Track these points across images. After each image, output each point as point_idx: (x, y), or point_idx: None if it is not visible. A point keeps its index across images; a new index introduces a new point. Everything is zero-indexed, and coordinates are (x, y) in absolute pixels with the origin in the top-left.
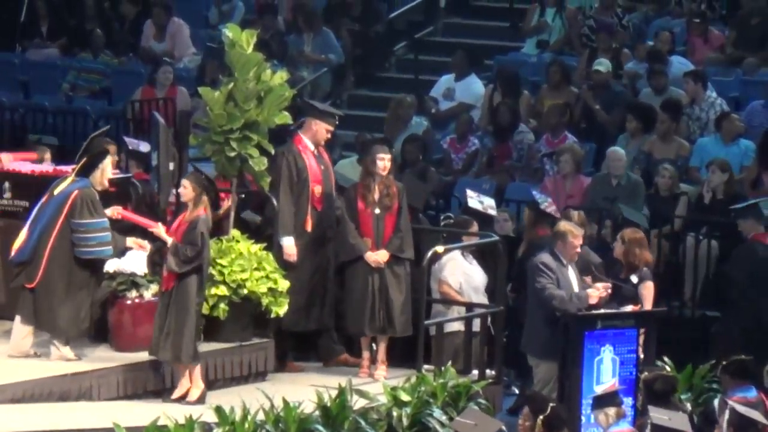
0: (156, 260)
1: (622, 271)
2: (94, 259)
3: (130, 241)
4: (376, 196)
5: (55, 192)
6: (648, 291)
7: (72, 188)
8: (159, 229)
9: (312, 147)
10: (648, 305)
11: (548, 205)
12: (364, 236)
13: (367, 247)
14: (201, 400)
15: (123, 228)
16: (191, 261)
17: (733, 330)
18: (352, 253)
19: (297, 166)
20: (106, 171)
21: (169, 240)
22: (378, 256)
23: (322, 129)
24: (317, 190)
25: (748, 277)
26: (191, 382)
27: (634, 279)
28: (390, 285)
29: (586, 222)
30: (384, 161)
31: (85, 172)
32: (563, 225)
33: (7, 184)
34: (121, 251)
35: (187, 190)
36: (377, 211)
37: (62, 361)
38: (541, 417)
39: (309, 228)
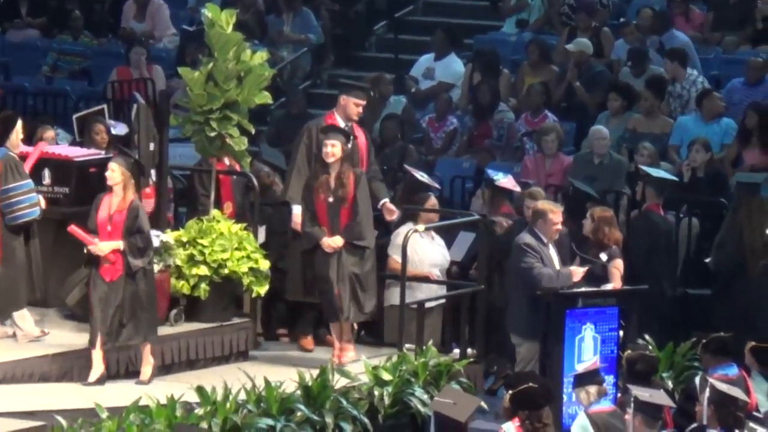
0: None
1: (590, 248)
2: (25, 222)
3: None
4: (331, 184)
5: None
6: (617, 269)
7: None
8: (98, 246)
9: (342, 124)
10: (617, 283)
11: (505, 181)
12: (320, 225)
13: (323, 234)
14: (153, 376)
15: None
16: (146, 250)
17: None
18: (310, 241)
19: (318, 141)
20: (19, 133)
21: (105, 248)
22: (333, 242)
23: (350, 104)
24: None
25: (648, 248)
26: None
27: (603, 257)
28: (351, 272)
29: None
30: (330, 148)
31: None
32: (542, 204)
33: (46, 171)
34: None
35: (114, 173)
36: (330, 199)
37: (28, 340)
38: (509, 393)
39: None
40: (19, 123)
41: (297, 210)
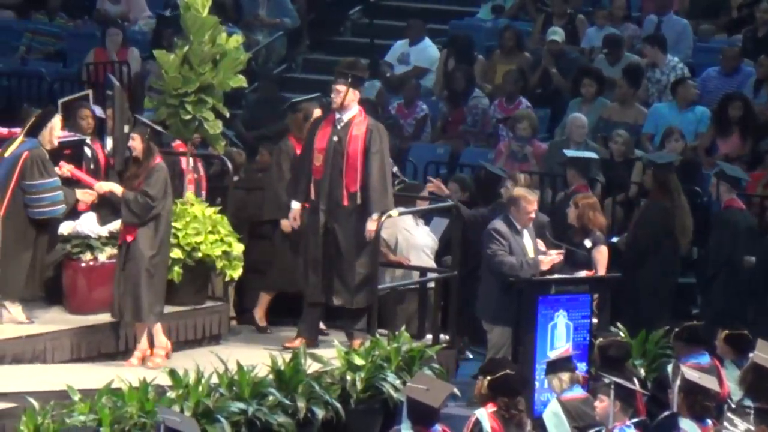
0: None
1: (574, 235)
2: (48, 219)
3: (79, 193)
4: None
5: (6, 155)
6: (602, 255)
7: (21, 150)
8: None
9: (338, 115)
10: (602, 270)
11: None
12: None
13: None
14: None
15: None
16: None
17: None
18: None
19: (312, 134)
20: (55, 129)
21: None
22: None
23: (333, 89)
24: (317, 160)
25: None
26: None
27: (587, 243)
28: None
29: (531, 184)
30: (131, 141)
31: (33, 132)
32: (517, 190)
33: None
34: (72, 206)
35: None
36: None
37: (14, 323)
38: (487, 378)
39: (313, 196)
40: (57, 119)
41: (294, 205)
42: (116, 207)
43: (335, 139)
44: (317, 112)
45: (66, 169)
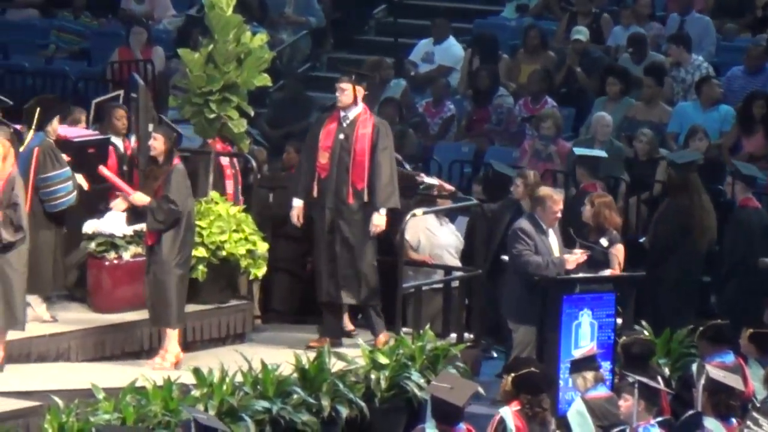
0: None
1: (590, 233)
2: (64, 210)
3: (116, 203)
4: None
5: (20, 150)
6: (619, 253)
7: (31, 146)
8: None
9: (343, 113)
10: (618, 268)
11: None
12: None
13: None
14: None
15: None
16: (21, 225)
17: None
18: None
19: (315, 132)
20: (56, 119)
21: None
22: None
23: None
24: (322, 157)
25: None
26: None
27: (604, 242)
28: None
29: (540, 181)
30: (152, 140)
31: (39, 126)
32: (543, 190)
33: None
34: (79, 190)
35: None
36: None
37: (38, 322)
38: (512, 375)
39: (315, 194)
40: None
41: (295, 203)
42: (140, 212)
43: (341, 136)
44: None
45: (105, 175)
